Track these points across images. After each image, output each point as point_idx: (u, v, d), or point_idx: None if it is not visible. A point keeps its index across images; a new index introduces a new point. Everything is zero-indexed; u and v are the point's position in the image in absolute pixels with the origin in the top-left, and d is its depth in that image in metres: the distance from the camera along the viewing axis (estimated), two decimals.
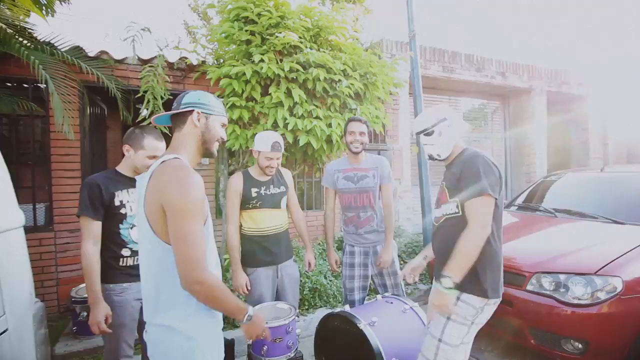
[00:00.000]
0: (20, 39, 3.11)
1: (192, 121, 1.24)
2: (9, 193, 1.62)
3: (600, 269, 2.21)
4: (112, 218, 1.73)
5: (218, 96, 3.62)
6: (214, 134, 1.29)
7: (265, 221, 2.24)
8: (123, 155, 1.84)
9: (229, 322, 3.07)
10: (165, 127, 2.13)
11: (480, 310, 1.60)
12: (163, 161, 1.15)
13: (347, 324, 2.02)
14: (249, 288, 2.17)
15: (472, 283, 1.57)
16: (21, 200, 3.46)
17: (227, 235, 2.20)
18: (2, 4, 3.19)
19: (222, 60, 3.64)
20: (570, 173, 4.02)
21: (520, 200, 3.96)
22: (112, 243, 1.72)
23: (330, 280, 3.59)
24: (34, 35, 3.36)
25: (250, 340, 1.68)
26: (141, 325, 1.72)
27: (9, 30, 2.97)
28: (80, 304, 2.62)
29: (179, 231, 1.07)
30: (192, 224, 1.08)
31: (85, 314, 2.59)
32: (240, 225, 2.27)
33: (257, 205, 2.21)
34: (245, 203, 2.20)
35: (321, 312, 3.33)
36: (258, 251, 2.21)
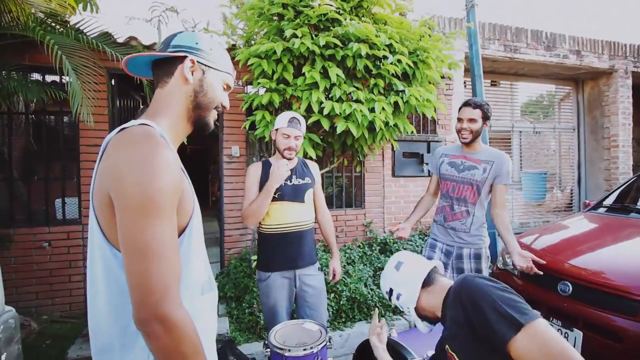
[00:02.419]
0: (51, 24, 3.01)
1: (182, 73, 0.86)
2: None
3: None
4: None
5: (246, 80, 3.32)
6: (212, 96, 0.90)
7: (285, 216, 1.90)
8: None
9: (254, 333, 2.73)
10: None
11: None
12: (123, 128, 0.78)
13: (394, 353, 1.57)
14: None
15: None
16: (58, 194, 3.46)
17: (248, 208, 1.84)
18: None
19: (253, 43, 3.31)
20: None
21: (609, 201, 3.20)
22: None
23: (372, 289, 3.12)
24: (65, 21, 3.26)
25: None
26: None
27: (38, 15, 2.86)
28: None
29: (134, 237, 0.69)
30: (155, 226, 0.69)
31: None
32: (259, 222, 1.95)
33: (276, 196, 1.87)
34: None
35: (360, 327, 2.89)
36: (274, 252, 1.89)
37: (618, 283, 1.95)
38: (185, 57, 0.86)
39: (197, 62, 0.87)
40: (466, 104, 2.13)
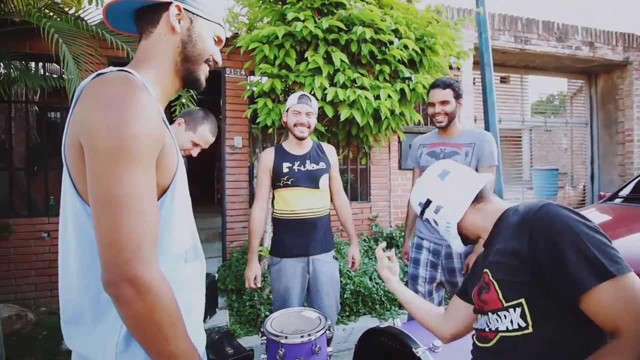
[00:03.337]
0: (49, 14, 2.97)
1: (167, 21, 0.77)
2: None
3: None
4: None
5: (248, 68, 3.24)
6: (202, 47, 0.81)
7: (298, 203, 1.84)
8: None
9: (254, 326, 2.65)
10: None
11: None
12: (99, 74, 0.70)
13: (398, 343, 1.47)
14: (259, 285, 1.84)
15: None
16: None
17: (250, 219, 1.87)
18: None
19: (256, 30, 3.25)
20: None
21: (626, 192, 3.06)
22: None
23: (377, 283, 3.02)
24: (66, 12, 3.23)
25: None
26: None
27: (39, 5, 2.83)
28: None
29: (102, 186, 0.61)
30: (128, 175, 0.61)
31: None
32: (273, 207, 1.94)
33: (289, 182, 1.83)
34: (276, 180, 1.86)
35: (365, 321, 2.79)
36: (287, 238, 1.85)
37: (637, 272, 1.83)
38: (171, 3, 0.78)
39: (184, 9, 0.79)
40: (435, 85, 1.94)
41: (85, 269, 0.69)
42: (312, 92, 2.72)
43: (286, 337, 1.34)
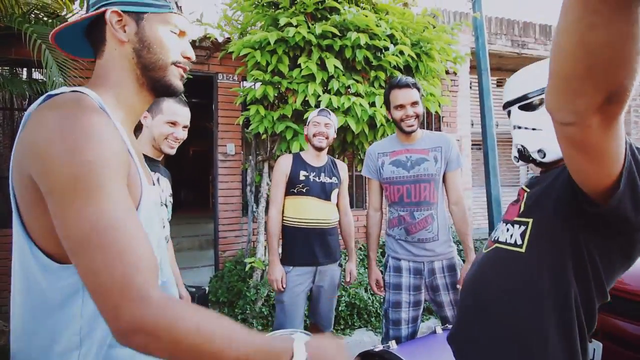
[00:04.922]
0: (39, 15, 2.90)
1: (111, 34, 0.67)
2: None
3: None
4: None
5: (240, 73, 3.16)
6: (160, 50, 0.69)
7: (309, 211, 1.88)
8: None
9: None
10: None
11: None
12: (50, 96, 0.62)
13: None
14: (284, 286, 1.85)
15: None
16: None
17: (269, 220, 1.92)
18: None
19: (248, 36, 3.18)
20: None
21: None
22: None
23: (372, 294, 2.95)
24: (55, 14, 3.14)
25: None
26: None
27: (26, 8, 2.75)
28: None
29: (69, 229, 0.53)
30: (92, 207, 0.53)
31: None
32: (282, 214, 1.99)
33: (304, 191, 1.89)
34: (291, 187, 1.91)
35: (360, 335, 2.71)
36: (296, 247, 1.90)
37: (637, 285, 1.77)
38: (106, 10, 0.66)
39: (124, 12, 0.67)
40: (401, 85, 1.71)
41: (33, 316, 0.60)
42: (305, 99, 2.66)
43: None
